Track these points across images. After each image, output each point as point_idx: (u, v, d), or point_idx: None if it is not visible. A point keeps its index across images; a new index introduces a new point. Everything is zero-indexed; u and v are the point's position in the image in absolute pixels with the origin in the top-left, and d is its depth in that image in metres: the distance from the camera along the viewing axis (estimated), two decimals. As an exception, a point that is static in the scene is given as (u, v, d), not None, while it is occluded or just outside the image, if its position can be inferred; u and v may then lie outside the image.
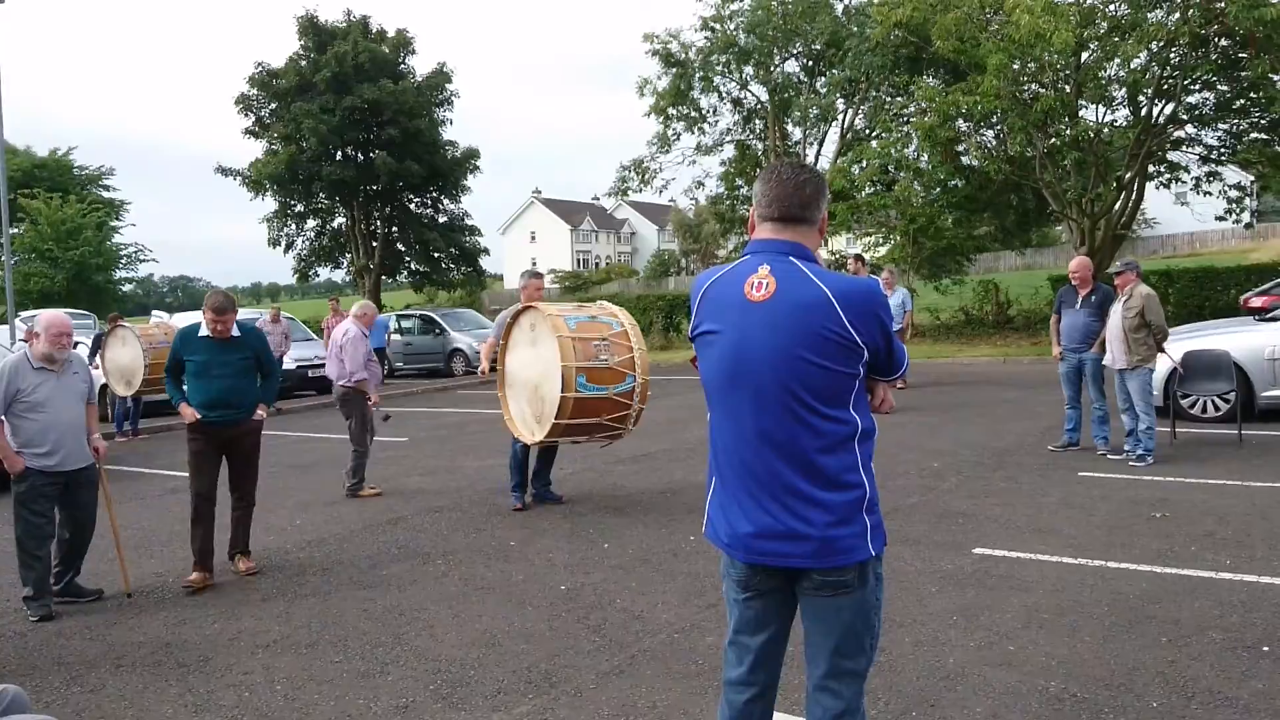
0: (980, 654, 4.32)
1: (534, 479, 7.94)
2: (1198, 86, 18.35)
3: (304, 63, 31.62)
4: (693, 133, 28.12)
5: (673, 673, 4.29)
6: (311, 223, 34.91)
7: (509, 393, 7.66)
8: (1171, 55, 17.43)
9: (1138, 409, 8.32)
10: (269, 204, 33.45)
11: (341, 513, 8.09)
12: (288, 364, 18.06)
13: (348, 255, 35.02)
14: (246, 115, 32.41)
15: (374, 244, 34.01)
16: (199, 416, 6.05)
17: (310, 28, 31.83)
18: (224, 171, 32.28)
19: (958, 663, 4.24)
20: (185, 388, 6.18)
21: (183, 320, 19.45)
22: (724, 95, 27.85)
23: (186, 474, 6.30)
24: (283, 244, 34.36)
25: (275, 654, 4.79)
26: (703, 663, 4.37)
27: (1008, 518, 6.73)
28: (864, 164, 22.24)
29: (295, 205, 33.62)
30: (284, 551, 6.84)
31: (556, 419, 6.97)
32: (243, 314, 19.93)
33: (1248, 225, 23.84)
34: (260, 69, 31.80)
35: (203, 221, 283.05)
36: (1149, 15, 17.12)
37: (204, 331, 6.13)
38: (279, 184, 31.63)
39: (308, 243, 35.05)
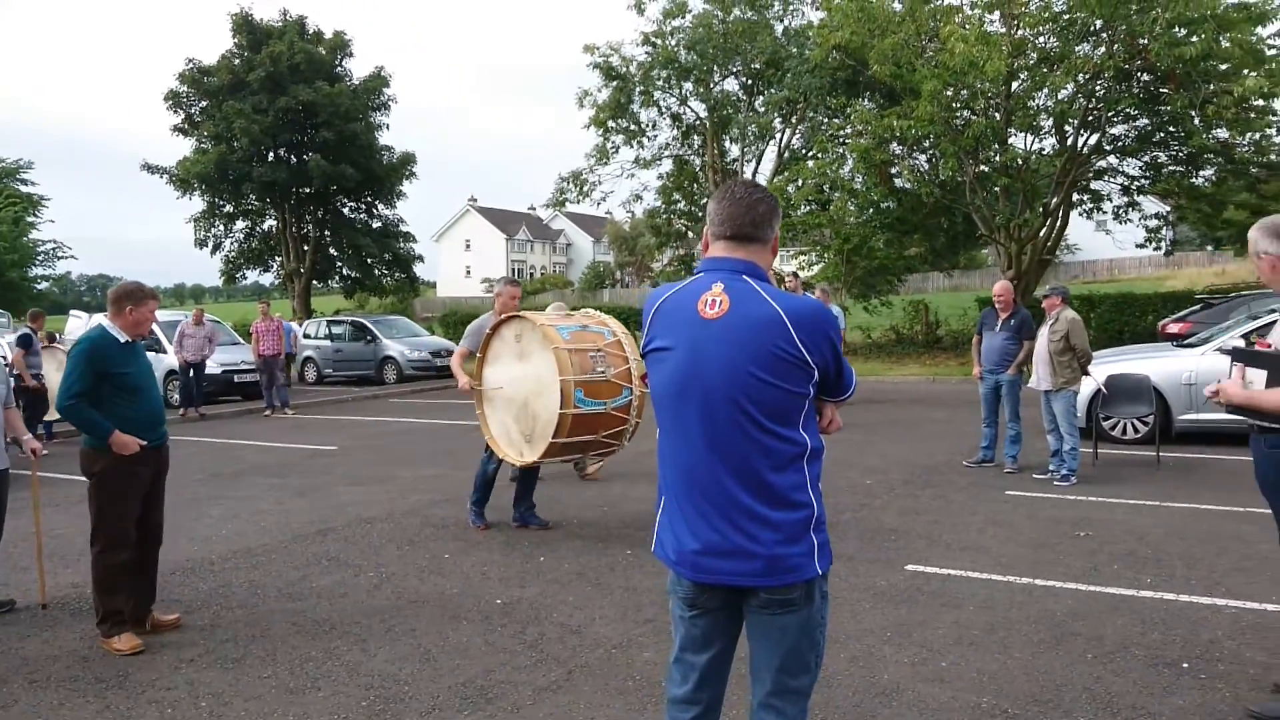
0: (914, 670, 4.38)
1: (515, 504, 7.43)
2: (1120, 119, 19.02)
3: (237, 61, 31.09)
4: (631, 146, 28.28)
5: (611, 688, 4.26)
6: (241, 224, 34.30)
7: (488, 409, 7.06)
8: (1097, 88, 18.04)
9: (1062, 430, 8.56)
10: (196, 204, 32.78)
11: (268, 523, 7.89)
12: (212, 368, 17.64)
13: (278, 258, 34.39)
14: (176, 112, 31.75)
15: (305, 248, 33.46)
16: (144, 443, 5.00)
17: (245, 25, 31.30)
18: (150, 169, 31.51)
19: (892, 679, 4.29)
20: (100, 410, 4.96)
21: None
22: (663, 110, 28.06)
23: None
24: (210, 245, 33.65)
25: (199, 669, 4.64)
26: (640, 678, 4.35)
27: (938, 535, 6.85)
28: (800, 183, 22.57)
29: (224, 206, 32.99)
30: (209, 562, 6.65)
31: (554, 438, 6.44)
32: (165, 315, 19.46)
33: (1167, 253, 24.76)
34: (191, 65, 31.16)
35: (125, 219, 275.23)
36: (1076, 48, 17.71)
37: (123, 336, 5.06)
38: (208, 183, 30.99)
39: (236, 244, 34.39)
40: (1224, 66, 16.66)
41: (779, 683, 2.55)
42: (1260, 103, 16.83)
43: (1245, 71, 16.46)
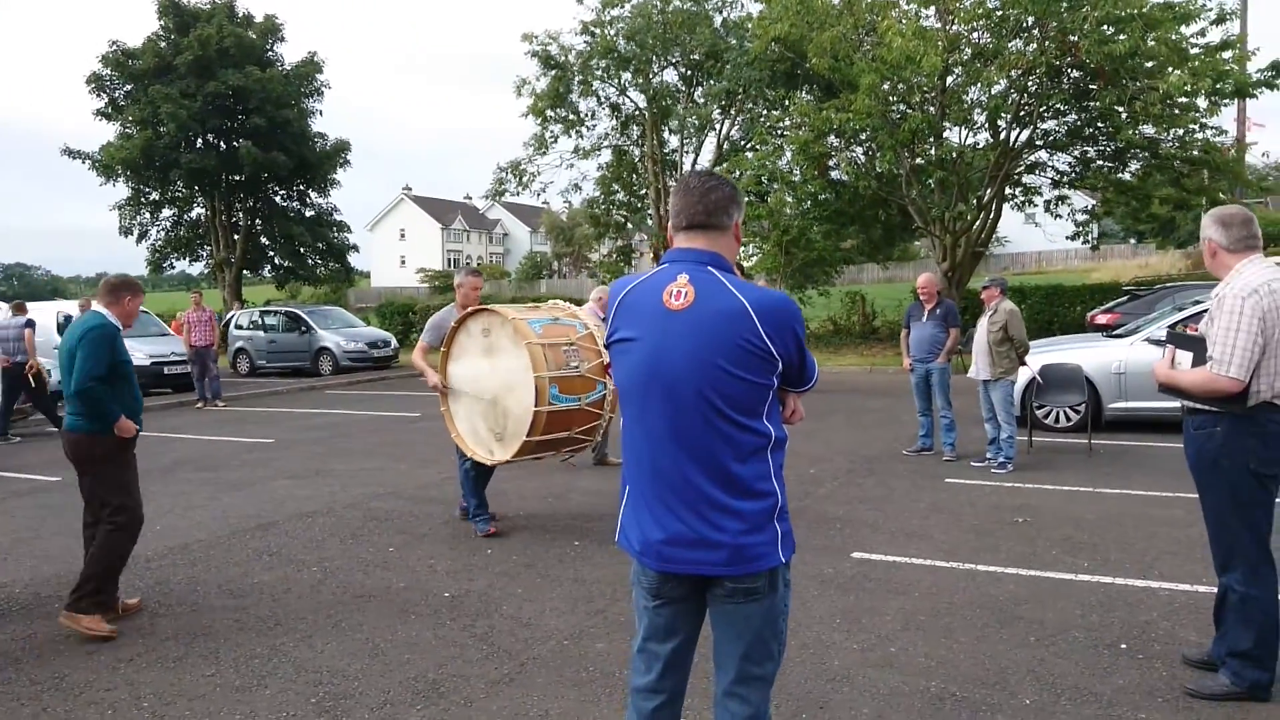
0: (863, 656, 4.44)
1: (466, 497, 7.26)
2: (1051, 114, 19.45)
3: (163, 44, 30.15)
4: (570, 136, 28.13)
5: (564, 680, 4.24)
6: (168, 212, 33.29)
7: (453, 407, 6.76)
8: (1029, 83, 18.41)
9: (1000, 419, 8.75)
10: (121, 190, 31.74)
11: (205, 518, 7.70)
12: (140, 360, 17.14)
13: (207, 247, 33.51)
14: (99, 96, 30.66)
15: (235, 236, 32.66)
16: (138, 428, 5.35)
17: (171, 7, 30.37)
18: (71, 154, 30.41)
19: (843, 665, 4.34)
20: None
21: (35, 311, 18.12)
22: (602, 100, 27.97)
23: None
24: (135, 233, 32.64)
25: (139, 669, 4.51)
26: (594, 669, 4.34)
27: (882, 523, 6.95)
28: (739, 175, 22.66)
29: (150, 193, 31.98)
30: (144, 559, 6.46)
31: (528, 436, 6.18)
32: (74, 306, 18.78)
33: (1094, 247, 25.42)
34: (115, 48, 30.13)
35: (45, 206, 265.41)
36: (1009, 44, 18.05)
37: (119, 325, 5.28)
38: (133, 170, 30.01)
39: (163, 233, 33.39)
40: (1150, 64, 17.09)
41: (743, 671, 2.56)
42: (1184, 100, 17.32)
43: (1170, 69, 16.91)
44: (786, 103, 21.93)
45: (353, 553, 6.52)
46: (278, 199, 33.64)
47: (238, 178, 31.45)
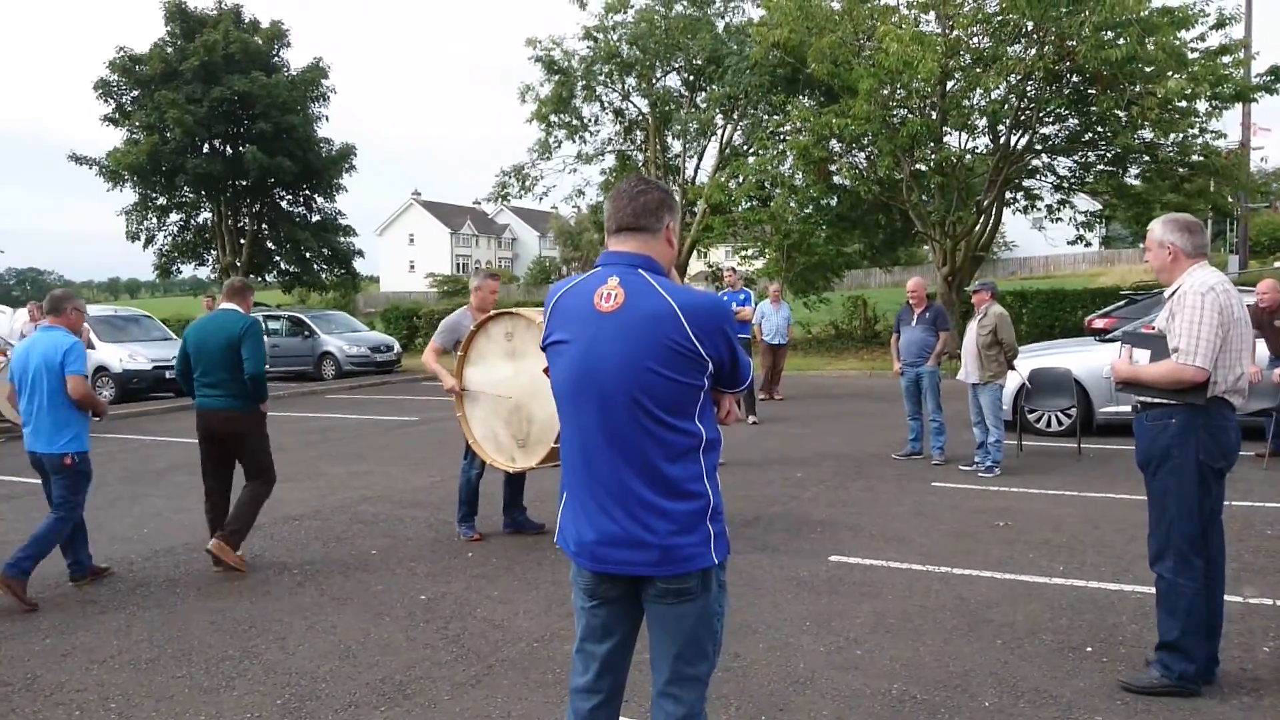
0: (829, 658, 4.46)
1: (507, 510, 7.09)
2: (1051, 119, 19.42)
3: (170, 49, 30.34)
4: (574, 141, 28.23)
5: (530, 682, 4.27)
6: (175, 217, 33.46)
7: (470, 412, 6.58)
8: (1028, 88, 18.39)
9: (988, 422, 8.75)
10: (128, 195, 31.94)
11: (193, 521, 7.74)
12: (143, 364, 17.26)
13: (213, 252, 33.67)
14: (106, 101, 30.87)
15: (242, 241, 32.81)
16: None
17: (178, 13, 30.58)
18: (79, 160, 30.63)
19: (808, 667, 4.36)
20: None
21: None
22: (606, 105, 28.05)
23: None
24: (143, 238, 32.83)
25: (111, 670, 4.55)
26: (561, 671, 4.37)
27: (863, 526, 6.96)
28: (741, 179, 22.72)
29: (157, 198, 32.16)
30: (128, 561, 6.53)
31: (556, 443, 5.87)
32: (96, 310, 18.95)
33: (1103, 241, 25.33)
34: (122, 54, 30.34)
35: (56, 211, 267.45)
36: (1008, 49, 18.02)
37: None
38: (140, 175, 30.19)
39: (170, 238, 33.57)
40: (1149, 69, 17.06)
41: (677, 671, 2.59)
42: (1183, 104, 17.28)
43: (1169, 74, 16.88)
44: (787, 107, 21.96)
45: (335, 556, 6.57)
46: (283, 204, 33.79)
47: (243, 183, 31.60)
